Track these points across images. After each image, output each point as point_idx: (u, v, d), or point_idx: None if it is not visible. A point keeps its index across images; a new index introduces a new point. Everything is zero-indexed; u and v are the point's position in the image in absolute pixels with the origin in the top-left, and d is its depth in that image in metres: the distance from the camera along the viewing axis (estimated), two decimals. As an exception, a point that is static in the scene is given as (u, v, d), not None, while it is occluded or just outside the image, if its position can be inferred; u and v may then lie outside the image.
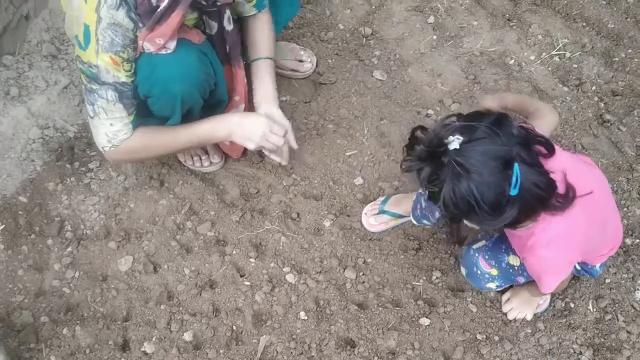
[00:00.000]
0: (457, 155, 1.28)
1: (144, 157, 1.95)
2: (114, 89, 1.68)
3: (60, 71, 2.39)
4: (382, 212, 2.06)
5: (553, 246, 1.45)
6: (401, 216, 2.06)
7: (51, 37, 2.47)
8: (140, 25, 1.60)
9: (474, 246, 1.77)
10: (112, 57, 1.61)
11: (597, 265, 1.77)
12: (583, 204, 1.42)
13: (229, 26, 1.88)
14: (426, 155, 1.34)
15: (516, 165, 1.27)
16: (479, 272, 1.74)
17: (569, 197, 1.38)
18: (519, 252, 1.58)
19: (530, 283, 1.79)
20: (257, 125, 1.85)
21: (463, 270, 1.81)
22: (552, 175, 1.36)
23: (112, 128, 1.76)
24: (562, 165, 1.41)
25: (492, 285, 1.76)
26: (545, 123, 1.65)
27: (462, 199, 1.30)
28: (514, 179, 1.26)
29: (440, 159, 1.31)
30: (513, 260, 1.70)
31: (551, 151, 1.39)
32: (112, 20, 1.56)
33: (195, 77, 1.74)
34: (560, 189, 1.37)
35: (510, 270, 1.71)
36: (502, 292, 1.92)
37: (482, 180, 1.27)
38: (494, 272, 1.72)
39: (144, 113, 1.85)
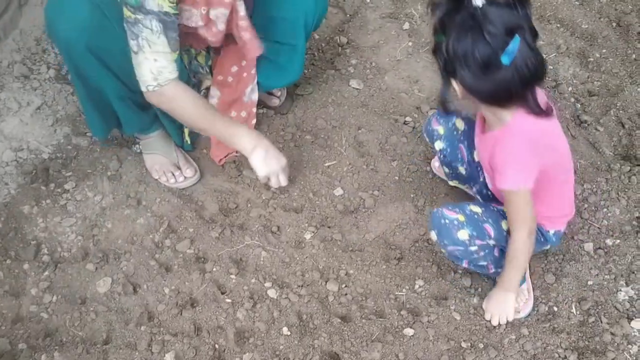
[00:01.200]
0: (477, 9, 1.39)
1: (180, 112, 1.86)
2: (158, 19, 1.66)
3: (33, 91, 2.36)
4: None
5: (519, 136, 1.55)
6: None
7: (22, 58, 2.45)
8: None
9: (437, 207, 1.81)
10: None
11: (551, 232, 1.80)
12: (550, 129, 1.59)
13: None
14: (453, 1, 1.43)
15: (517, 37, 1.37)
16: (446, 221, 1.72)
17: (547, 108, 1.53)
18: (489, 156, 1.65)
19: (500, 277, 1.82)
20: (278, 160, 1.96)
21: (433, 234, 1.77)
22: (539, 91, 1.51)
23: (156, 64, 1.72)
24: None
25: (464, 235, 1.70)
26: None
27: (460, 47, 1.41)
28: (510, 46, 1.37)
29: (460, 8, 1.41)
30: (475, 208, 1.75)
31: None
32: None
33: (83, 20, 1.71)
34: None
35: (475, 217, 1.72)
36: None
37: (484, 39, 1.38)
38: (461, 217, 1.71)
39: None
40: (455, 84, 1.52)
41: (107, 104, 1.93)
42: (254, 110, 2.26)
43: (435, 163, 2.20)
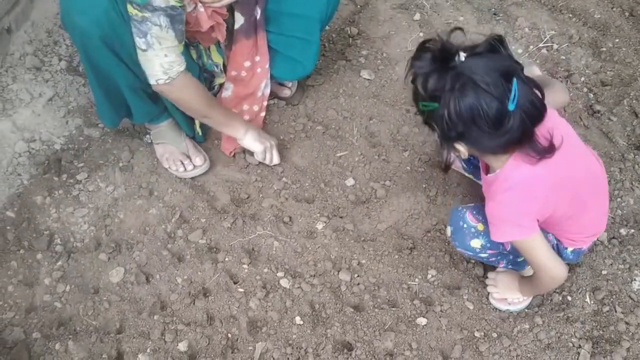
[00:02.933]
0: (464, 65, 1.34)
1: (186, 101, 1.94)
2: (165, 14, 1.68)
3: (45, 83, 2.37)
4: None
5: (510, 192, 1.50)
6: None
7: (34, 50, 2.45)
8: None
9: (463, 205, 1.78)
10: None
11: (569, 249, 1.76)
12: (553, 167, 1.46)
13: None
14: (435, 62, 1.37)
15: (515, 79, 1.32)
16: (465, 225, 1.71)
17: (550, 146, 1.43)
18: (486, 200, 1.61)
19: (526, 279, 1.79)
20: (269, 138, 2.14)
21: (449, 230, 1.78)
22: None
23: (167, 59, 1.76)
24: (553, 125, 1.46)
25: (476, 244, 1.71)
26: (554, 97, 1.62)
27: (466, 107, 1.34)
28: (513, 92, 1.31)
29: (447, 69, 1.34)
30: None
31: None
32: None
33: (100, 12, 1.70)
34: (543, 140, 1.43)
35: None
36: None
37: (488, 89, 1.32)
38: (480, 227, 1.69)
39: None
40: (460, 146, 1.45)
41: (118, 93, 1.94)
42: (265, 103, 2.26)
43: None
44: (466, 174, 2.12)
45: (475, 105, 1.33)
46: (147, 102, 2.01)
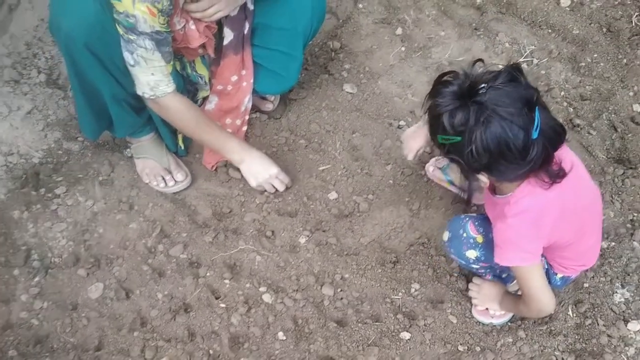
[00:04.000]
0: (487, 98, 1.32)
1: (174, 121, 1.97)
2: (150, 38, 1.70)
3: (23, 96, 2.34)
4: (443, 170, 2.11)
5: (522, 216, 1.49)
6: (452, 184, 2.10)
7: (12, 62, 2.42)
8: None
9: (465, 214, 1.78)
10: (148, 7, 1.65)
11: (559, 276, 1.76)
12: (562, 193, 1.47)
13: (251, 5, 2.02)
14: (459, 97, 1.35)
15: (537, 108, 1.32)
16: (464, 234, 1.71)
17: (560, 170, 1.44)
18: (492, 220, 1.61)
19: (510, 297, 1.81)
20: (267, 168, 2.07)
21: (446, 235, 1.77)
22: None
23: (153, 77, 1.79)
24: (562, 152, 1.46)
25: (471, 255, 1.71)
26: None
27: (493, 140, 1.32)
28: (536, 121, 1.31)
29: (469, 103, 1.33)
30: None
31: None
32: None
33: (88, 18, 1.70)
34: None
35: (493, 245, 1.66)
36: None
37: (513, 120, 1.31)
38: (480, 239, 1.69)
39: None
40: (482, 176, 1.45)
41: (101, 104, 1.92)
42: (247, 117, 2.26)
43: (430, 167, 2.19)
44: (448, 187, 2.13)
45: (503, 138, 1.32)
46: (130, 114, 1.99)
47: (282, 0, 2.00)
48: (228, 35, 2.03)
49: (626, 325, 1.83)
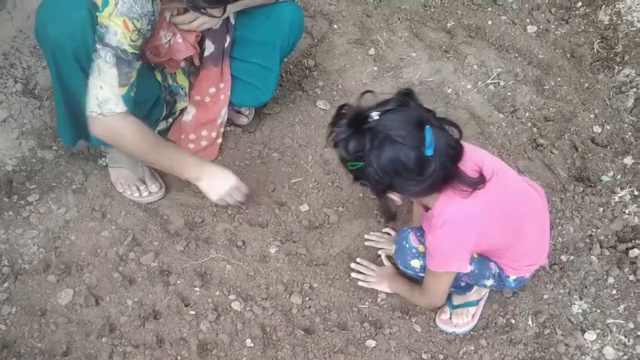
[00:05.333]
0: (378, 124, 1.42)
1: (122, 146, 1.91)
2: (113, 53, 1.70)
3: (-1, 104, 2.36)
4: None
5: (445, 227, 1.58)
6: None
7: (-11, 72, 2.44)
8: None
9: (409, 227, 1.87)
10: (125, 21, 1.67)
11: (512, 278, 1.83)
12: (485, 200, 1.55)
13: (233, 20, 2.05)
14: (352, 125, 1.45)
15: (428, 127, 1.40)
16: (407, 245, 1.79)
17: (480, 177, 1.52)
18: (426, 232, 1.70)
19: (405, 282, 1.95)
20: (226, 180, 1.97)
21: (393, 248, 1.88)
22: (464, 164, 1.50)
23: (101, 92, 1.75)
24: (480, 160, 1.56)
25: (416, 264, 1.79)
26: None
27: (388, 162, 1.42)
28: (427, 138, 1.39)
29: (364, 131, 1.43)
30: None
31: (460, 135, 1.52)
32: None
33: (74, 27, 1.71)
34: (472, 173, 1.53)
35: None
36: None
37: (404, 141, 1.40)
38: (422, 249, 1.77)
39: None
40: (393, 195, 1.55)
41: (81, 112, 1.93)
42: (222, 130, 2.30)
43: None
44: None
45: (395, 158, 1.42)
46: None
47: (261, 14, 2.06)
48: (209, 47, 2.09)
49: (583, 335, 1.89)
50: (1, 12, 2.55)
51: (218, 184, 1.97)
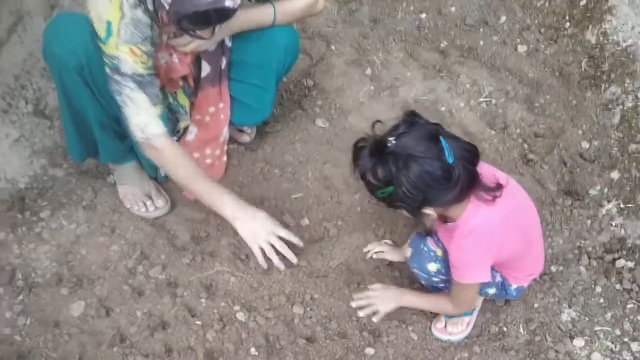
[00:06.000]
0: (397, 146, 1.53)
1: (168, 167, 2.00)
2: (132, 80, 1.81)
3: (12, 125, 2.45)
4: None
5: (472, 236, 1.66)
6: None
7: (2, 93, 2.52)
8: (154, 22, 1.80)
9: None
10: (131, 48, 1.77)
11: (514, 287, 1.93)
12: (505, 208, 1.65)
13: (229, 42, 2.13)
14: (373, 154, 1.56)
15: (441, 137, 1.53)
16: (425, 248, 1.86)
17: (497, 184, 1.64)
18: (446, 246, 1.78)
19: (416, 294, 1.99)
20: (264, 224, 1.96)
21: (409, 252, 1.93)
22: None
23: (140, 118, 1.87)
24: (490, 172, 1.68)
25: (433, 268, 1.85)
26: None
27: (417, 177, 1.52)
28: (444, 147, 1.52)
29: (386, 156, 1.53)
30: None
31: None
32: (134, 16, 1.75)
33: (78, 45, 1.80)
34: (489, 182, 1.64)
35: None
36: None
37: (425, 155, 1.51)
38: (439, 252, 1.84)
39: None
40: (428, 210, 1.62)
41: (88, 129, 2.03)
42: (225, 147, 2.40)
43: None
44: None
45: (423, 172, 1.52)
46: (114, 141, 2.11)
47: (257, 38, 2.15)
48: (205, 68, 2.18)
49: (572, 342, 1.99)
50: (12, 36, 2.66)
51: (254, 226, 1.96)
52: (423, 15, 3.07)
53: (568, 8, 3.03)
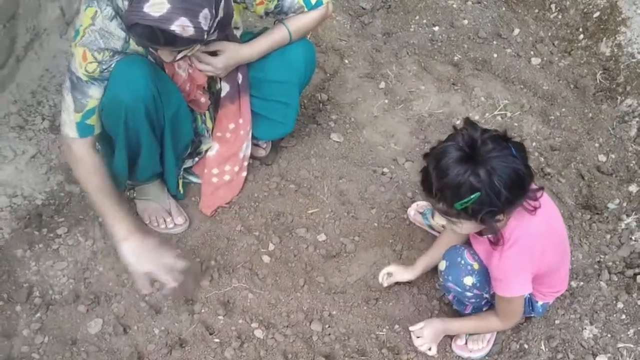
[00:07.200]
0: (478, 154, 1.51)
1: (75, 171, 1.99)
2: (69, 77, 1.85)
3: (28, 141, 2.46)
4: (424, 215, 2.28)
5: (516, 246, 1.65)
6: (432, 228, 2.28)
7: (18, 109, 2.55)
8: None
9: (461, 245, 1.91)
10: (85, 51, 1.79)
11: (540, 303, 1.91)
12: (544, 223, 1.65)
13: None
14: (463, 161, 1.52)
15: (509, 143, 1.54)
16: (462, 262, 1.83)
17: (539, 188, 1.65)
18: (485, 258, 1.77)
19: (458, 320, 1.95)
20: (159, 256, 1.88)
21: (443, 264, 1.89)
22: None
23: (64, 115, 1.91)
24: None
25: (469, 281, 1.82)
26: None
27: (507, 176, 1.50)
28: (512, 149, 1.53)
29: (474, 163, 1.50)
30: None
31: None
32: (104, 27, 1.78)
33: (142, 90, 1.86)
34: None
35: (487, 272, 1.80)
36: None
37: (507, 155, 1.51)
38: (476, 266, 1.82)
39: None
40: (500, 217, 1.59)
41: (135, 156, 2.05)
42: (245, 164, 2.40)
43: (411, 211, 2.34)
44: (429, 230, 2.28)
45: (511, 169, 1.51)
46: (156, 162, 2.14)
47: (277, 55, 2.15)
48: (225, 87, 2.20)
49: (594, 359, 1.96)
50: (29, 53, 2.68)
51: (143, 254, 1.87)
52: (436, 28, 3.07)
53: (581, 20, 3.03)
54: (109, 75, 1.86)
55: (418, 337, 1.95)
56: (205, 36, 1.70)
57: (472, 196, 1.52)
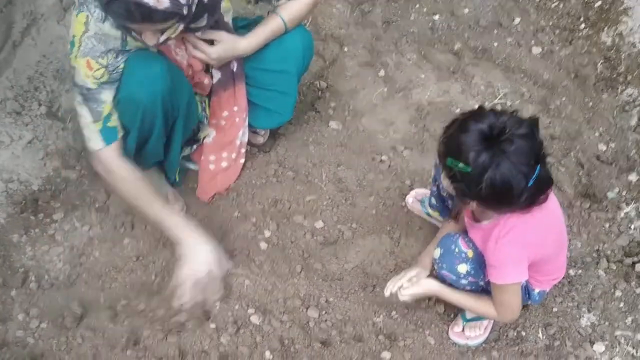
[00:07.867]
0: (506, 144, 1.47)
1: (112, 184, 1.98)
2: (79, 91, 1.83)
3: (25, 127, 2.45)
4: (422, 203, 2.26)
5: (511, 234, 1.64)
6: (429, 216, 2.25)
7: (15, 95, 2.53)
8: (128, 33, 1.77)
9: (455, 232, 1.89)
10: (88, 60, 1.78)
11: (536, 291, 1.90)
12: (541, 211, 1.61)
13: None
14: (486, 138, 1.48)
15: (538, 166, 1.50)
16: (456, 249, 1.81)
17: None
18: (481, 244, 1.74)
19: (454, 291, 1.88)
20: (211, 264, 1.95)
21: (437, 252, 1.86)
22: None
23: (85, 132, 1.91)
24: None
25: (462, 269, 1.80)
26: None
27: (501, 180, 1.47)
28: (535, 174, 1.48)
29: (493, 146, 1.47)
30: None
31: None
32: (99, 31, 1.76)
33: (159, 86, 1.86)
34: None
35: (482, 260, 1.78)
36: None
37: (520, 168, 1.48)
38: (470, 253, 1.79)
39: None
40: (474, 203, 1.60)
41: (142, 146, 2.05)
42: (243, 150, 2.39)
43: (409, 199, 2.33)
44: (427, 218, 2.27)
45: (508, 179, 1.47)
46: (160, 152, 2.13)
47: (274, 45, 2.13)
48: (216, 74, 2.16)
49: (592, 347, 1.96)
50: (26, 38, 2.66)
51: (199, 262, 1.94)
52: (436, 17, 3.04)
53: (583, 9, 3.01)
54: (118, 77, 1.85)
55: (408, 281, 1.90)
56: (185, 11, 1.65)
57: (461, 165, 1.50)
